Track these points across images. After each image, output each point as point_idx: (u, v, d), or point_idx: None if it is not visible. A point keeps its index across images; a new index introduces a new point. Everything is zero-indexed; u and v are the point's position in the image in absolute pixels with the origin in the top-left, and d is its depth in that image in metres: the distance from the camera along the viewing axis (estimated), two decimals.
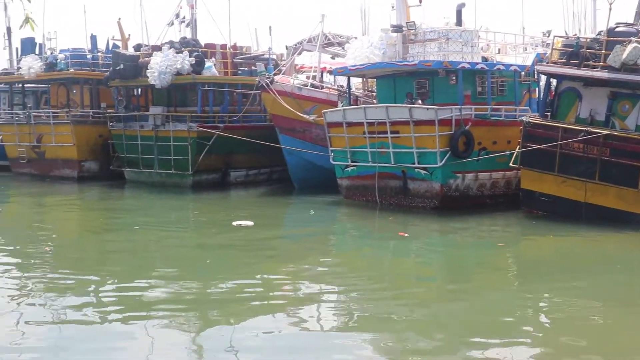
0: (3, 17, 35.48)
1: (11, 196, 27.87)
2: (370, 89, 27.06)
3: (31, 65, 30.70)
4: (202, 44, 28.33)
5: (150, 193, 25.34)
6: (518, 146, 18.33)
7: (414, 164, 19.52)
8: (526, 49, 23.72)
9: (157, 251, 15.07)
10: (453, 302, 10.92)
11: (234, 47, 29.54)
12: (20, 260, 13.88)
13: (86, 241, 16.70)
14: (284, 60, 28.89)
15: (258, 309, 10.28)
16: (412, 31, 20.89)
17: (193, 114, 26.36)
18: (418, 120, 19.12)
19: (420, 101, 20.34)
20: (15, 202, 26.07)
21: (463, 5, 22.23)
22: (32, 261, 13.70)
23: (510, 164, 18.66)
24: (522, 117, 18.50)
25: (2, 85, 35.08)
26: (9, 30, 36.35)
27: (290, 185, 25.10)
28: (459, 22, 21.99)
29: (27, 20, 7.95)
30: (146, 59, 27.04)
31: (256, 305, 10.52)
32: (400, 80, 21.75)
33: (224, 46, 28.99)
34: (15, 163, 32.25)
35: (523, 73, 21.81)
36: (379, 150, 20.10)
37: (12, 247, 15.51)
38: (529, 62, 22.17)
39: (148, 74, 26.18)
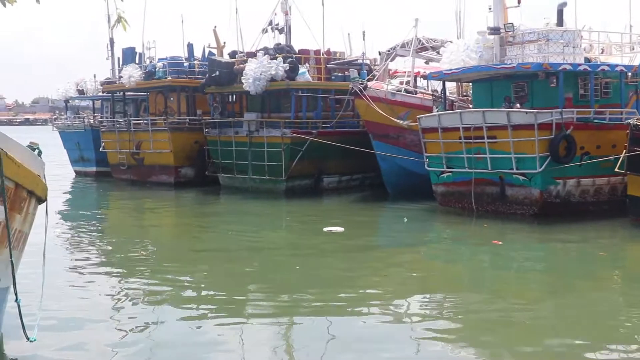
0: (106, 28, 36.85)
1: (112, 201, 28.80)
2: (464, 94, 26.44)
3: (131, 74, 31.66)
4: (296, 50, 28.43)
5: (244, 199, 25.57)
6: (624, 150, 17.36)
7: (512, 169, 18.84)
8: (633, 49, 22.48)
9: (249, 256, 15.08)
10: (553, 312, 10.35)
11: (328, 52, 29.52)
12: (119, 263, 14.16)
13: (181, 245, 16.92)
14: (377, 65, 28.61)
15: (351, 317, 10.03)
16: (510, 33, 20.20)
17: (287, 120, 26.45)
18: (516, 125, 18.45)
19: (518, 105, 19.63)
20: (116, 207, 26.88)
21: (564, 4, 21.29)
22: (130, 264, 13.95)
23: (616, 169, 17.69)
24: (629, 120, 17.51)
25: (104, 94, 36.39)
26: (111, 41, 37.74)
27: (383, 191, 24.76)
28: (560, 22, 21.07)
29: (119, 19, 8.00)
30: (241, 65, 27.37)
31: (349, 311, 10.28)
32: (497, 84, 21.09)
33: (317, 52, 28.99)
34: (116, 169, 33.31)
35: (630, 74, 20.68)
36: (475, 155, 19.53)
37: (112, 249, 15.88)
38: (636, 62, 21.04)
39: (243, 81, 26.47)
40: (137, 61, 34.08)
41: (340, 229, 17.24)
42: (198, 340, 9.04)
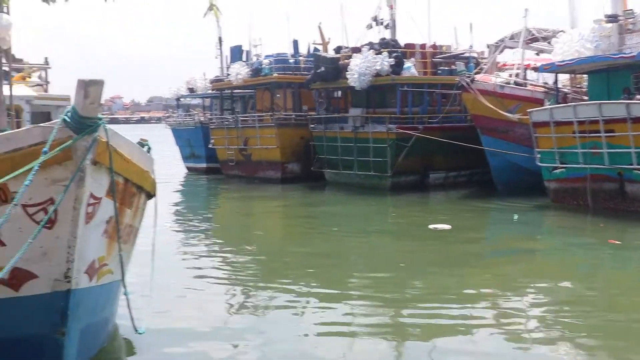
0: (215, 27, 37.72)
1: (221, 197, 29.45)
2: (578, 85, 25.27)
3: (239, 71, 32.26)
4: (401, 44, 28.07)
5: (349, 194, 25.49)
6: None
7: (632, 164, 17.81)
8: None
9: (353, 252, 14.95)
10: None
11: (434, 46, 29.01)
12: (227, 258, 14.37)
13: (287, 240, 17.03)
14: (485, 58, 27.83)
15: (459, 318, 9.69)
16: (629, 20, 19.11)
17: (392, 115, 26.16)
18: (637, 117, 17.42)
19: (639, 97, 18.53)
20: (224, 203, 27.46)
21: None
22: (238, 260, 14.13)
23: None
24: None
25: (214, 92, 37.29)
26: (220, 40, 38.58)
27: (492, 188, 24.04)
28: None
29: (211, 7, 7.95)
30: (346, 61, 27.30)
31: (456, 314, 9.93)
32: (615, 75, 20.00)
33: (423, 46, 28.54)
34: (225, 165, 34.04)
35: None
36: (591, 150, 18.60)
37: (220, 244, 16.18)
38: None
39: (348, 76, 26.39)
40: (244, 59, 34.70)
41: (446, 226, 16.84)
42: (303, 337, 8.96)
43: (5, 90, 9.14)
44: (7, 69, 9.36)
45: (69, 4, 7.99)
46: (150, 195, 8.20)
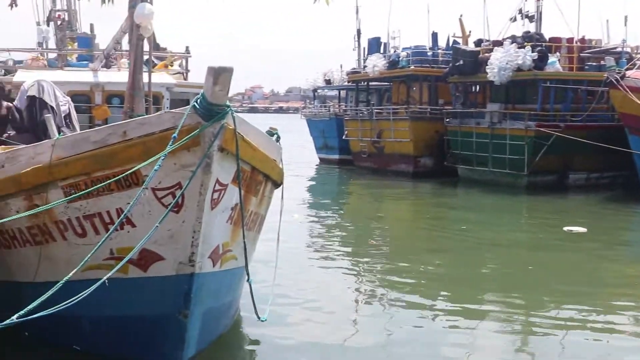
0: (354, 19, 37.83)
1: (351, 188, 29.53)
2: None
3: (375, 63, 32.15)
4: (546, 38, 26.89)
5: (482, 192, 24.79)
6: None
7: None
8: None
9: (483, 251, 14.48)
10: None
11: (582, 40, 27.60)
12: (352, 250, 14.35)
13: (415, 236, 16.77)
14: None
15: (592, 333, 9.09)
16: None
17: (532, 112, 25.14)
18: None
19: None
20: (354, 194, 27.51)
21: None
22: (364, 253, 14.05)
23: None
24: None
25: (349, 84, 37.42)
26: (358, 32, 38.66)
27: (637, 192, 22.56)
28: None
29: None
30: (486, 54, 26.53)
31: (594, 319, 9.35)
32: None
33: (570, 40, 27.22)
34: (358, 157, 34.10)
35: None
36: None
37: (346, 235, 16.19)
38: None
39: (487, 70, 25.62)
40: (381, 51, 34.56)
41: (582, 229, 15.95)
42: (427, 338, 8.75)
43: (146, 77, 9.53)
44: (147, 56, 9.74)
45: None
46: (277, 184, 8.25)
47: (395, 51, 33.52)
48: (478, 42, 29.31)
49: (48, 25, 19.60)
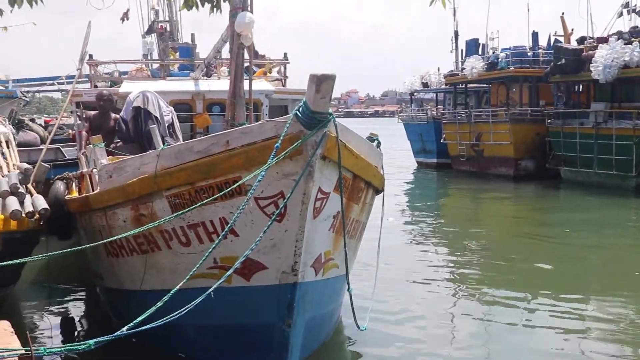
0: (452, 21, 37.23)
1: (450, 192, 29.01)
2: None
3: (473, 65, 31.51)
4: None
5: (587, 194, 23.81)
6: None
7: None
8: None
9: (584, 256, 13.85)
10: None
11: None
12: (452, 257, 14.01)
13: (516, 241, 16.21)
14: None
15: None
16: None
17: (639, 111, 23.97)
18: None
19: None
20: (454, 198, 27.00)
21: None
22: (464, 258, 13.72)
23: None
24: None
25: (447, 87, 36.85)
26: (456, 34, 38.01)
27: None
28: None
29: None
30: (590, 52, 25.49)
31: None
32: None
33: None
34: (456, 160, 33.52)
35: None
36: None
37: (447, 242, 15.86)
38: None
39: (592, 68, 24.61)
40: (479, 52, 33.86)
41: None
42: (530, 346, 8.39)
43: (246, 85, 9.58)
44: (248, 64, 9.80)
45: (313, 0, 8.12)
46: (378, 190, 8.11)
47: (494, 52, 32.75)
48: (581, 40, 28.23)
49: (148, 34, 20.19)
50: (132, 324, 4.54)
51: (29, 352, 3.69)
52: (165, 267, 6.97)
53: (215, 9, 4.91)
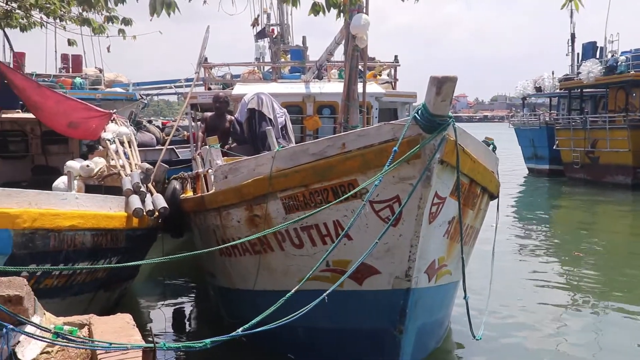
0: (568, 23, 35.86)
1: (563, 200, 27.93)
2: None
3: (590, 69, 30.24)
4: None
5: None
6: None
7: None
8: None
9: None
10: None
11: None
12: (567, 269, 13.43)
13: (630, 253, 15.34)
14: None
15: None
16: None
17: None
18: None
19: None
20: (566, 207, 25.97)
21: None
22: (578, 270, 13.10)
23: None
24: None
25: (562, 91, 35.57)
26: (572, 36, 36.61)
27: None
28: None
29: None
30: None
31: None
32: None
33: None
34: (569, 168, 32.29)
35: None
36: None
37: (560, 252, 15.23)
38: None
39: None
40: (597, 56, 32.48)
41: None
42: None
43: (359, 88, 9.53)
44: (361, 67, 9.74)
45: (419, 3, 7.97)
46: (493, 196, 7.87)
47: (612, 55, 31.30)
48: None
49: (260, 38, 20.54)
50: (247, 325, 4.56)
51: (152, 347, 3.76)
52: (278, 269, 7.00)
53: (341, 14, 4.88)
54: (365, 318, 6.52)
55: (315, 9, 4.53)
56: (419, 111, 5.57)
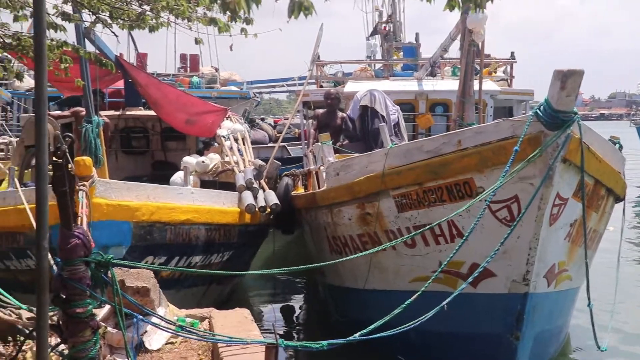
0: None
1: None
2: None
3: None
4: None
5: None
6: None
7: None
8: None
9: None
10: None
11: None
12: None
13: None
14: None
15: None
16: None
17: None
18: None
19: None
20: None
21: None
22: None
23: None
24: None
25: None
26: None
27: None
28: None
29: None
30: None
31: None
32: None
33: None
34: None
35: None
36: None
37: None
38: None
39: None
40: None
41: None
42: None
43: (475, 85, 9.24)
44: (477, 64, 9.45)
45: None
46: (619, 198, 7.41)
47: None
48: None
49: (372, 36, 20.43)
50: (364, 330, 4.46)
51: (275, 343, 3.74)
52: (389, 268, 6.88)
53: (477, 9, 4.74)
54: (479, 322, 6.29)
55: (451, 4, 4.38)
56: (541, 107, 5.28)
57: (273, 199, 8.85)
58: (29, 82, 17.65)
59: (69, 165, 3.47)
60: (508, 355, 6.16)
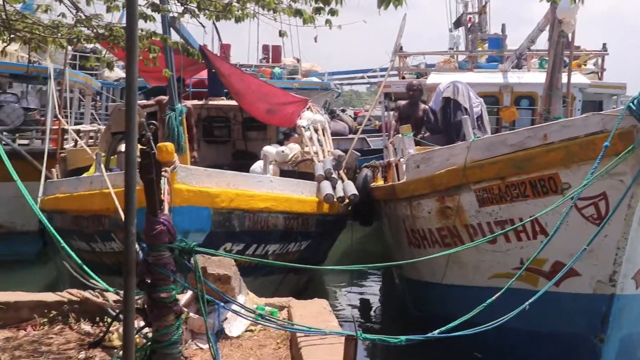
0: None
1: None
2: None
3: None
4: None
5: None
6: None
7: None
8: None
9: None
10: None
11: None
12: None
13: None
14: None
15: None
16: None
17: None
18: None
19: None
20: None
21: None
22: None
23: None
24: None
25: None
26: None
27: None
28: None
29: None
30: None
31: None
32: None
33: None
34: None
35: None
36: None
37: None
38: None
39: None
40: None
41: None
42: None
43: (563, 77, 8.96)
44: (566, 56, 9.14)
45: None
46: None
47: None
48: None
49: (457, 28, 20.10)
50: (444, 328, 4.42)
51: (355, 335, 3.74)
52: (468, 263, 6.77)
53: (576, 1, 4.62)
54: (561, 322, 6.12)
55: None
56: (635, 100, 5.07)
57: (352, 189, 8.84)
58: (117, 72, 18.19)
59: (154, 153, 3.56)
60: (592, 357, 5.96)
